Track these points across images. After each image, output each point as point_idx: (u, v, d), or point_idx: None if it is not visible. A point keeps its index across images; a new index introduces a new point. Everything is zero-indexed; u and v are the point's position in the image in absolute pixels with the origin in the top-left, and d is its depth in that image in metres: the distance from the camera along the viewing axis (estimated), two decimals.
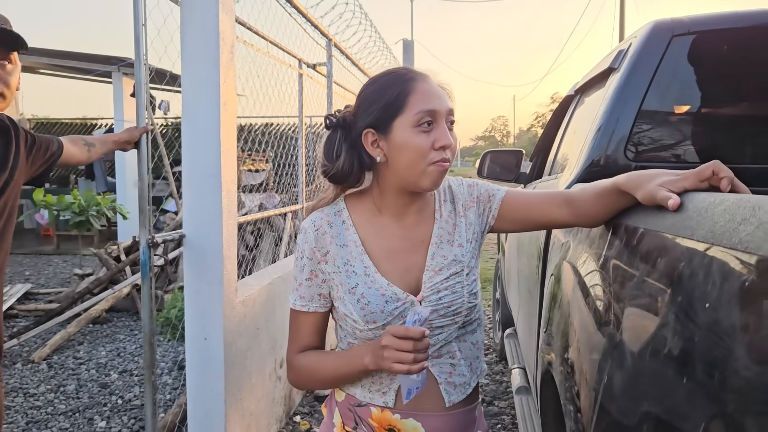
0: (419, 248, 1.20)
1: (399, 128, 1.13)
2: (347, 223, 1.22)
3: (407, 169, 1.13)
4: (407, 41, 9.67)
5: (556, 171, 2.44)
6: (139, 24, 2.08)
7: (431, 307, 1.14)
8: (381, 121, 1.14)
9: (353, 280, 1.17)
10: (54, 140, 1.93)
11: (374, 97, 1.16)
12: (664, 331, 0.71)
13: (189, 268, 2.36)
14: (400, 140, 1.12)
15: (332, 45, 4.43)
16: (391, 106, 1.13)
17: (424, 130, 1.11)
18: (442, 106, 1.13)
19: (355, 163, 1.18)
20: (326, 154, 1.20)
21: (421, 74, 1.17)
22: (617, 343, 0.87)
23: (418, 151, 1.11)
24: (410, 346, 1.00)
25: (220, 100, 2.29)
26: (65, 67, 8.62)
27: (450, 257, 1.18)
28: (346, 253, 1.19)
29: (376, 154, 1.16)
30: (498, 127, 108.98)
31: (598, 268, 1.06)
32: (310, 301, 1.22)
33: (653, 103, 1.70)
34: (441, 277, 1.16)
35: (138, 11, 2.08)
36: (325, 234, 1.20)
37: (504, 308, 4.01)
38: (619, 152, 1.70)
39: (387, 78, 1.17)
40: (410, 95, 1.12)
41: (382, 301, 1.14)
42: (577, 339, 1.13)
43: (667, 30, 1.69)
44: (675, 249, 0.75)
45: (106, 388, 3.57)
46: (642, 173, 1.00)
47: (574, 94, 2.63)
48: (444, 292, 1.15)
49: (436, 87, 1.16)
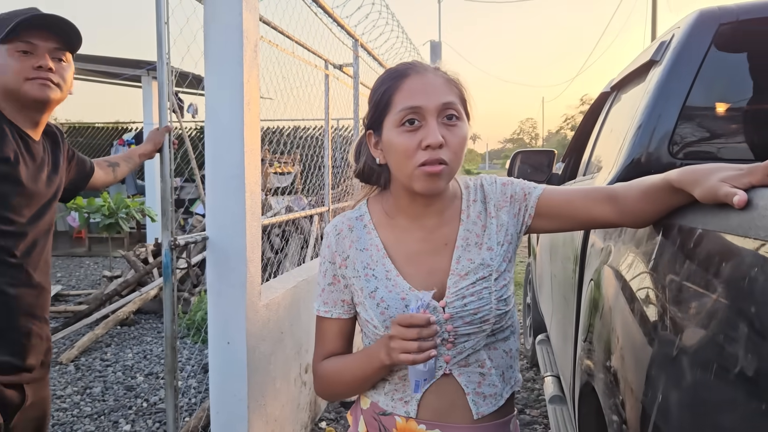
0: (443, 251, 1.12)
1: (387, 128, 1.07)
2: (368, 226, 1.17)
3: (398, 171, 1.08)
4: (434, 42, 9.58)
5: (591, 171, 2.34)
6: (162, 22, 2.04)
7: (456, 313, 1.07)
8: (375, 122, 1.10)
9: (372, 284, 1.11)
10: (87, 161, 1.90)
11: (371, 97, 1.13)
12: (732, 347, 0.62)
13: (212, 270, 2.31)
14: (388, 140, 1.07)
15: (359, 45, 4.37)
16: (379, 105, 1.09)
17: (408, 129, 1.04)
18: (428, 102, 1.04)
19: (369, 165, 1.17)
20: (355, 154, 1.20)
21: (415, 68, 1.08)
22: (674, 357, 0.77)
23: (402, 151, 1.04)
24: (415, 334, 0.96)
25: (243, 100, 2.24)
26: (97, 71, 8.72)
27: (477, 261, 1.10)
28: (366, 257, 1.14)
29: (377, 155, 1.13)
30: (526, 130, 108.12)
31: (648, 272, 0.97)
32: (333, 307, 1.18)
33: (699, 98, 1.59)
34: (467, 282, 1.08)
35: (160, 9, 2.03)
36: (345, 238, 1.17)
37: (535, 313, 3.89)
38: (662, 150, 1.60)
39: (383, 76, 1.13)
40: (395, 93, 1.06)
41: (402, 305, 1.08)
42: (626, 349, 1.04)
43: (713, 19, 1.58)
44: (743, 253, 0.66)
45: (132, 390, 3.55)
46: (698, 168, 0.90)
47: (609, 91, 2.52)
48: (470, 298, 1.07)
49: (431, 80, 1.06)
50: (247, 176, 2.28)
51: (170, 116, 2.18)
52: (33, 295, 1.56)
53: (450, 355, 1.09)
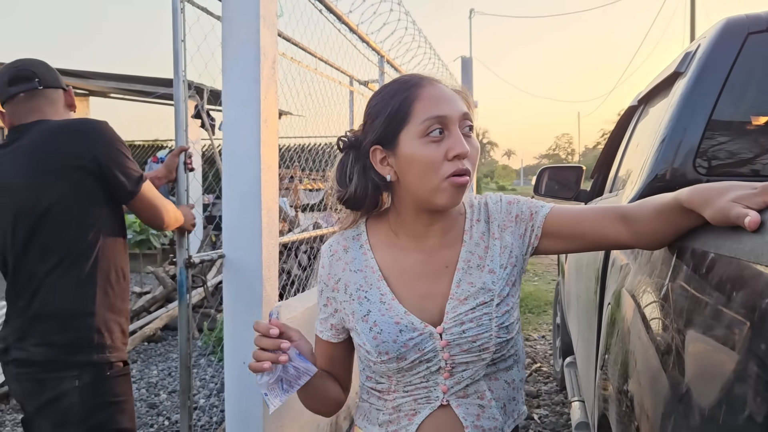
0: (443, 274, 1.06)
1: (406, 140, 1.00)
2: (365, 247, 1.11)
3: (419, 185, 1.00)
4: (465, 58, 9.57)
5: (617, 187, 2.25)
6: (178, 40, 2.05)
7: (453, 341, 1.01)
8: (387, 135, 1.02)
9: (365, 306, 1.06)
10: None
11: (378, 110, 1.04)
12: (742, 384, 0.55)
13: (228, 289, 2.29)
14: (408, 154, 0.99)
15: (384, 62, 4.36)
16: (395, 117, 1.01)
17: (434, 140, 0.98)
18: (453, 111, 0.99)
19: (369, 186, 1.06)
20: (338, 178, 1.09)
21: (427, 79, 1.04)
22: (682, 393, 0.70)
23: (428, 164, 0.98)
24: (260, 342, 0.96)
25: (260, 117, 2.23)
26: (133, 90, 8.94)
27: (478, 285, 1.04)
28: (359, 279, 1.08)
29: (386, 172, 1.04)
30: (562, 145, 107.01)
31: (660, 299, 0.90)
32: (324, 329, 1.14)
33: (727, 110, 1.50)
34: (466, 307, 1.02)
35: (177, 27, 2.04)
36: (339, 260, 1.12)
37: (564, 334, 3.77)
38: (687, 166, 1.52)
39: (390, 87, 1.05)
40: (415, 102, 1.00)
41: (395, 330, 1.02)
42: (636, 379, 0.96)
43: (741, 27, 1.50)
44: (757, 280, 0.59)
45: (155, 408, 3.55)
46: (710, 186, 0.83)
47: (637, 104, 2.44)
48: (468, 325, 1.01)
49: (446, 90, 1.02)
50: (263, 193, 2.26)
51: (199, 133, 2.21)
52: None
53: (447, 385, 1.03)
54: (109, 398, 1.66)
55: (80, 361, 1.62)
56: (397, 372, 1.03)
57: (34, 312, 1.61)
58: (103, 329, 1.65)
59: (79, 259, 1.64)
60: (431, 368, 1.02)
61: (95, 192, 1.67)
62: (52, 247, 1.63)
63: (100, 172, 1.65)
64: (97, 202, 1.68)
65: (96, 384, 1.63)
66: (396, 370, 1.03)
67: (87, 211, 1.66)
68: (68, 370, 1.61)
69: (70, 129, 1.68)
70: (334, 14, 3.20)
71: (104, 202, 1.70)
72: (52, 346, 1.61)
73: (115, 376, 1.68)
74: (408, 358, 1.01)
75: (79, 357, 1.62)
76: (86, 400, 1.61)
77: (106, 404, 1.65)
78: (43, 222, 1.62)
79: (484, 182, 49.84)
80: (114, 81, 8.32)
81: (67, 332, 1.61)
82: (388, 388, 1.07)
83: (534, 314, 6.17)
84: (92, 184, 1.65)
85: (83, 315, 1.63)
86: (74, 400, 1.60)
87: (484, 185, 45.92)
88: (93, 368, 1.63)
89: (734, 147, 1.54)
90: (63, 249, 1.63)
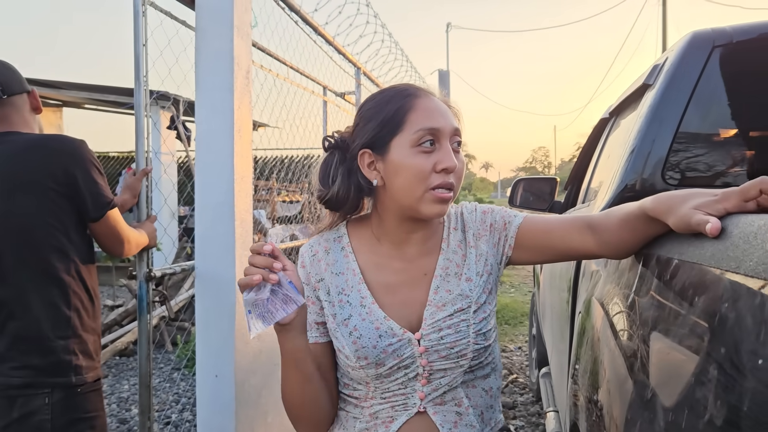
0: (422, 281, 1.07)
1: (397, 148, 1.01)
2: (346, 249, 1.11)
3: (405, 193, 1.01)
4: (443, 71, 9.62)
5: (589, 198, 2.27)
6: (139, 44, 2.00)
7: (431, 347, 1.01)
8: (378, 140, 1.03)
9: (346, 310, 1.05)
10: None
11: (371, 114, 1.05)
12: (703, 389, 0.55)
13: (200, 301, 2.26)
14: (398, 161, 1.00)
15: (361, 73, 4.37)
16: (389, 124, 1.02)
17: (425, 150, 0.99)
18: (445, 125, 1.01)
19: (352, 189, 1.07)
20: (321, 178, 1.10)
21: (423, 90, 1.06)
22: (648, 399, 0.71)
23: (416, 173, 0.99)
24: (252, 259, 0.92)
25: (234, 127, 2.21)
26: (107, 101, 8.83)
27: (456, 292, 1.04)
28: (341, 282, 1.08)
29: (373, 176, 1.04)
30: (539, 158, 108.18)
31: (626, 307, 0.90)
32: (309, 330, 1.10)
33: (694, 121, 1.53)
34: (444, 313, 1.02)
35: (138, 30, 1.99)
36: (320, 261, 1.11)
37: (540, 345, 3.79)
38: (656, 176, 1.54)
39: (386, 94, 1.06)
40: (410, 112, 1.01)
41: (375, 335, 1.01)
42: (603, 387, 0.96)
43: (707, 40, 1.53)
44: (716, 286, 0.59)
45: (125, 423, 3.48)
46: (673, 195, 0.84)
47: (608, 116, 2.47)
48: (446, 331, 1.01)
49: (441, 104, 1.04)
50: (236, 204, 2.24)
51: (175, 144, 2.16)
52: None
53: (425, 392, 1.02)
54: (81, 414, 1.62)
55: (58, 383, 1.58)
56: (375, 378, 1.02)
57: (11, 335, 1.57)
58: (78, 351, 1.62)
59: (54, 280, 1.60)
60: (409, 374, 1.02)
61: (68, 212, 1.63)
62: (25, 268, 1.58)
63: (71, 193, 1.61)
64: (69, 222, 1.63)
65: (67, 400, 1.59)
66: (374, 376, 1.02)
67: (59, 231, 1.61)
68: (42, 388, 1.57)
69: (48, 146, 1.63)
70: (310, 26, 3.20)
71: (77, 222, 1.66)
72: (30, 369, 1.56)
73: (87, 392, 1.64)
74: (386, 364, 1.01)
75: (57, 379, 1.58)
76: (57, 417, 1.57)
77: (78, 420, 1.61)
78: (13, 241, 1.57)
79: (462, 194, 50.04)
80: (88, 91, 8.21)
81: (45, 356, 1.57)
82: (365, 395, 1.06)
83: (510, 325, 6.19)
84: (65, 204, 1.61)
85: (60, 338, 1.59)
86: (44, 417, 1.56)
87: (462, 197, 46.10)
88: (65, 386, 1.59)
89: (701, 157, 1.56)
90: (36, 270, 1.59)
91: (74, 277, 1.64)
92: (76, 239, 1.65)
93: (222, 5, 2.19)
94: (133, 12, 2.02)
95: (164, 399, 3.83)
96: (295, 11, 2.98)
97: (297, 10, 2.97)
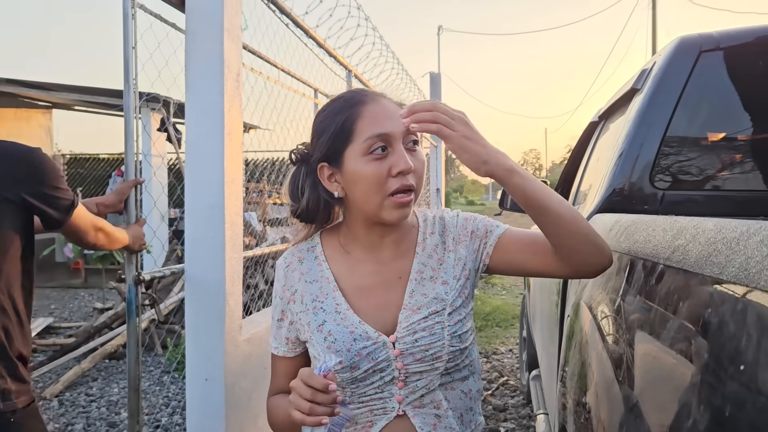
0: (396, 285, 1.07)
1: (350, 159, 1.01)
2: (320, 258, 1.12)
3: (365, 201, 1.01)
4: (434, 74, 9.64)
5: (579, 201, 2.29)
6: (129, 47, 1.98)
7: (406, 350, 1.00)
8: (332, 153, 1.03)
9: (320, 317, 1.05)
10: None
11: (323, 128, 1.05)
12: (688, 392, 0.56)
13: (190, 304, 2.24)
14: (353, 171, 1.00)
15: (352, 76, 4.37)
16: (339, 136, 1.02)
17: (377, 157, 0.99)
18: (395, 128, 1.00)
19: (321, 200, 1.07)
20: (291, 192, 1.10)
21: (372, 95, 1.05)
22: (635, 402, 0.71)
23: (371, 181, 0.99)
24: (308, 394, 0.89)
25: (224, 129, 2.21)
26: (97, 103, 8.79)
27: (431, 295, 1.05)
28: (315, 289, 1.08)
29: (333, 188, 1.05)
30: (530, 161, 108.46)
31: (613, 311, 0.91)
32: (280, 344, 1.14)
33: (681, 125, 1.54)
34: (419, 316, 1.03)
35: (128, 33, 1.97)
36: (294, 271, 1.11)
37: (530, 348, 3.80)
38: (644, 179, 1.55)
39: (334, 105, 1.06)
40: (357, 121, 1.01)
41: (350, 339, 1.02)
42: (590, 390, 0.97)
43: (693, 46, 1.55)
44: (699, 291, 0.60)
45: (114, 427, 3.46)
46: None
47: (598, 120, 2.49)
48: (421, 333, 1.01)
49: (390, 107, 1.03)
50: (227, 207, 2.23)
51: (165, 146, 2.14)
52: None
53: (402, 395, 1.02)
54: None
55: None
56: (351, 383, 1.02)
57: None
58: (6, 374, 1.50)
59: None
60: (385, 378, 1.02)
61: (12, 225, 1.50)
62: None
63: (24, 204, 1.49)
64: (10, 237, 1.50)
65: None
66: (350, 380, 1.02)
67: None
68: None
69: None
70: (300, 28, 3.20)
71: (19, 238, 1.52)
72: None
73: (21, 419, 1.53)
74: (361, 368, 1.01)
75: None
76: None
77: None
78: None
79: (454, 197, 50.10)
80: (78, 93, 8.16)
81: None
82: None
83: (501, 328, 6.20)
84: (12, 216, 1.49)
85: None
86: None
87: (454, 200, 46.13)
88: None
89: (689, 161, 1.58)
90: None
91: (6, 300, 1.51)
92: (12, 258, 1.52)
93: (212, 8, 2.19)
94: (122, 15, 2.01)
95: (154, 402, 3.81)
96: (286, 14, 2.98)
97: (288, 12, 2.97)
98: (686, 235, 0.70)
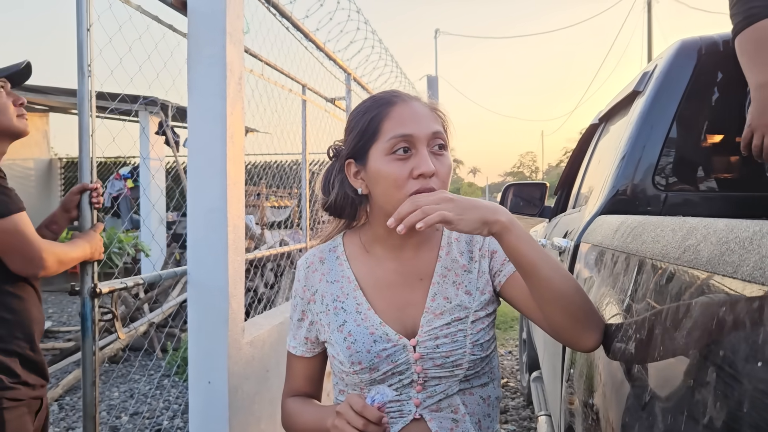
0: (417, 285, 1.07)
1: (374, 157, 1.03)
2: (341, 258, 1.13)
3: (386, 200, 1.03)
4: (431, 77, 9.65)
5: (580, 203, 2.30)
6: (83, 29, 1.74)
7: (426, 354, 1.01)
8: (359, 150, 1.05)
9: (341, 317, 1.06)
10: None
11: (353, 125, 1.07)
12: (700, 393, 0.57)
13: (192, 307, 2.25)
14: (376, 169, 1.02)
15: (351, 79, 4.38)
16: (365, 134, 1.04)
17: (400, 158, 1.00)
18: (420, 130, 1.01)
19: (349, 195, 1.09)
20: (323, 185, 1.13)
21: (403, 97, 1.06)
22: (645, 403, 0.72)
23: (392, 181, 1.00)
24: (360, 424, 0.88)
25: (226, 133, 2.22)
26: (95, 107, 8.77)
27: (455, 302, 1.05)
28: (336, 289, 1.09)
29: (358, 185, 1.07)
30: (526, 163, 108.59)
31: (622, 310, 0.92)
32: (298, 344, 1.15)
33: (683, 127, 1.55)
34: (441, 321, 1.03)
35: (81, 13, 1.75)
36: (315, 271, 1.13)
37: (530, 350, 3.81)
38: (646, 181, 1.56)
39: (365, 104, 1.08)
40: (384, 121, 1.02)
41: (370, 340, 1.02)
42: (599, 391, 0.98)
43: (695, 48, 1.56)
44: (712, 291, 0.61)
45: (115, 431, 3.45)
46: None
47: (598, 122, 2.50)
48: (443, 340, 1.02)
49: (418, 109, 1.04)
50: (229, 210, 2.24)
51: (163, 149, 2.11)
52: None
53: (420, 399, 1.03)
54: None
55: None
56: (370, 384, 1.03)
57: None
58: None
59: None
60: (404, 381, 1.02)
61: None
62: None
63: None
64: None
65: None
66: (369, 381, 1.02)
67: None
68: None
69: None
70: (301, 32, 3.21)
71: None
72: None
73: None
74: (380, 369, 1.01)
75: None
76: None
77: None
78: None
79: None
80: (74, 96, 8.15)
81: None
82: None
83: (501, 330, 6.20)
84: None
85: None
86: None
87: None
88: None
89: (691, 162, 1.59)
90: None
91: None
92: None
93: (214, 12, 2.20)
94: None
95: (155, 406, 3.80)
96: (287, 17, 2.99)
97: (288, 16, 2.98)
98: (697, 235, 0.71)
